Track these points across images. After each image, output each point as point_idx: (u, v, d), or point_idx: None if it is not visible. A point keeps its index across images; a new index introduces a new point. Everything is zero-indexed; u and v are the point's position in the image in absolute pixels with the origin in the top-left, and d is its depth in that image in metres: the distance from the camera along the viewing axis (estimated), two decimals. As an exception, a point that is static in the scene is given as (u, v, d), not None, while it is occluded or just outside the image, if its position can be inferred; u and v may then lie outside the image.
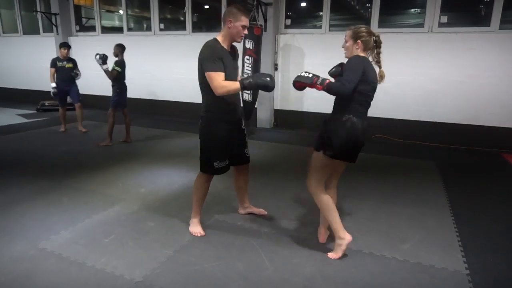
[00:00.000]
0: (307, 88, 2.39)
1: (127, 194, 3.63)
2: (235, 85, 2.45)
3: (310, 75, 2.32)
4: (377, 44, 2.38)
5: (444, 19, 5.86)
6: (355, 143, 2.38)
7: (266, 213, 3.18)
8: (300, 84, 2.36)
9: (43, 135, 6.23)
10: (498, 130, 5.73)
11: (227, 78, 2.49)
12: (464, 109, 5.89)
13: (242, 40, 2.66)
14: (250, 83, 2.42)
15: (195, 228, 2.82)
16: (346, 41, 2.41)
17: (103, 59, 5.18)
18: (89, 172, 4.26)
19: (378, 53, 2.40)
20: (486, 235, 2.90)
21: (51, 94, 6.26)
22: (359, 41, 2.34)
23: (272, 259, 2.50)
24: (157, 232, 2.86)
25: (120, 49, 5.37)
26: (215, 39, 2.56)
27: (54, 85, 6.15)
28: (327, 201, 2.48)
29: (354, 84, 2.24)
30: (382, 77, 2.41)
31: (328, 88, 2.25)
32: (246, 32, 2.56)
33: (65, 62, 6.18)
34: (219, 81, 2.44)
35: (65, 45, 6.23)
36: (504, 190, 3.98)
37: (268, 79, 2.43)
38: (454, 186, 4.01)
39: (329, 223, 2.53)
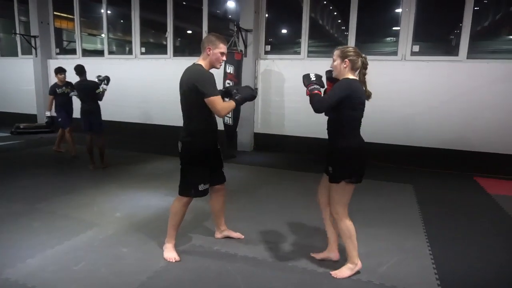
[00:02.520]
0: (287, 111, 2.48)
1: (102, 218, 3.53)
2: (232, 104, 2.63)
3: (312, 78, 2.45)
4: (364, 65, 2.47)
5: (416, 48, 6.14)
6: (361, 163, 2.50)
7: (243, 236, 3.15)
8: (303, 82, 2.50)
9: (17, 158, 6.05)
10: (470, 154, 5.92)
11: None
12: (439, 134, 6.08)
13: (223, 65, 2.78)
14: (241, 98, 2.68)
15: (170, 254, 2.76)
16: (334, 60, 2.48)
17: (107, 80, 5.43)
18: (63, 195, 4.14)
19: (364, 74, 2.49)
20: (459, 257, 2.95)
21: (45, 123, 6.25)
22: (346, 59, 2.41)
23: (249, 284, 2.46)
24: (131, 257, 2.78)
25: (76, 72, 5.37)
26: (200, 65, 2.62)
27: (48, 114, 6.18)
28: (353, 229, 2.54)
29: (329, 104, 2.36)
30: (368, 96, 2.52)
31: (310, 98, 2.40)
32: (224, 58, 2.67)
33: (64, 88, 6.12)
34: (221, 104, 2.55)
35: (61, 70, 6.08)
36: (475, 212, 4.08)
37: (252, 90, 2.78)
38: (428, 208, 4.09)
39: (349, 248, 2.56)
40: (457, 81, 5.89)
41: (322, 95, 2.46)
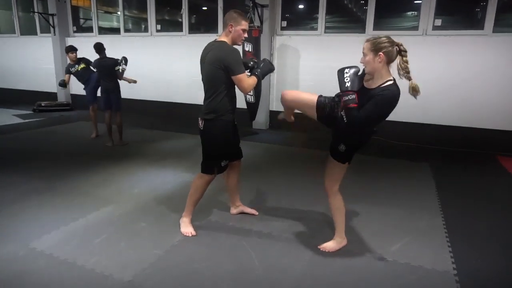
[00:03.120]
0: (302, 89, 2.41)
1: (120, 195, 3.64)
2: (255, 80, 2.68)
3: (347, 83, 2.10)
4: (402, 53, 2.14)
5: (438, 22, 5.89)
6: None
7: (257, 213, 3.20)
8: (338, 79, 2.16)
9: (39, 136, 6.23)
10: (491, 133, 5.76)
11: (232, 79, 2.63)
12: (459, 112, 5.92)
13: (242, 43, 2.77)
14: (262, 73, 2.74)
15: (187, 229, 2.84)
16: (365, 55, 2.15)
17: (125, 60, 5.47)
18: (83, 173, 4.27)
19: (406, 62, 2.15)
20: (475, 237, 2.92)
21: (58, 83, 6.17)
22: (380, 53, 2.09)
23: (262, 260, 2.51)
24: (149, 232, 2.87)
25: (95, 50, 5.39)
26: (225, 42, 2.63)
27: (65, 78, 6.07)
28: (343, 205, 2.60)
29: (366, 123, 2.16)
30: (415, 90, 2.18)
31: (347, 111, 2.11)
32: (246, 35, 2.68)
33: (77, 66, 6.07)
34: (248, 81, 2.61)
35: (72, 49, 6.04)
36: (496, 193, 4.00)
37: (270, 63, 2.81)
38: (446, 188, 4.03)
39: (337, 223, 2.63)
40: (481, 56, 5.66)
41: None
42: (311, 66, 6.75)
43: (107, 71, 5.37)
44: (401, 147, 5.95)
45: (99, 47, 5.38)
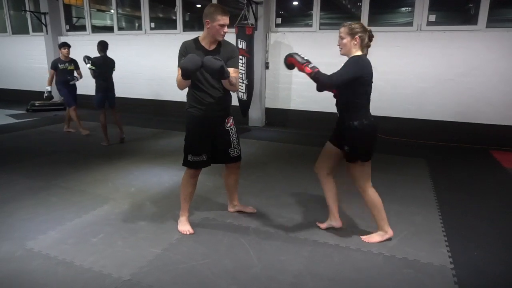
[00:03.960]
0: (293, 86, 2.45)
1: (117, 193, 3.62)
2: (178, 76, 2.55)
3: (305, 58, 2.41)
4: (370, 39, 2.48)
5: (433, 17, 5.91)
6: (374, 142, 2.56)
7: (255, 211, 3.20)
8: (292, 60, 2.45)
9: (33, 136, 6.18)
10: (486, 127, 5.80)
11: (199, 75, 2.58)
12: (454, 107, 5.96)
13: (234, 40, 2.74)
14: (182, 66, 2.42)
15: (184, 227, 2.83)
16: (342, 38, 2.45)
17: (88, 58, 5.22)
18: (79, 171, 4.24)
19: (368, 46, 2.50)
20: (471, 231, 2.95)
21: (44, 96, 6.07)
22: (356, 36, 2.41)
23: (260, 257, 2.51)
24: (146, 231, 2.86)
25: (99, 47, 5.32)
26: (195, 38, 2.69)
27: (49, 88, 6.00)
28: (379, 200, 2.65)
29: (341, 81, 2.36)
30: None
31: (315, 76, 2.36)
32: (225, 30, 2.59)
33: (67, 64, 6.03)
34: (177, 75, 2.57)
35: (66, 45, 6.01)
36: (491, 187, 4.04)
37: (214, 60, 2.36)
38: (442, 182, 4.06)
39: (376, 219, 2.68)
40: (475, 51, 5.70)
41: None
42: (306, 62, 6.75)
43: (108, 70, 5.36)
44: (397, 142, 5.98)
45: (105, 46, 5.33)
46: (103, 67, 5.31)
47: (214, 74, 2.42)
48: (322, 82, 2.38)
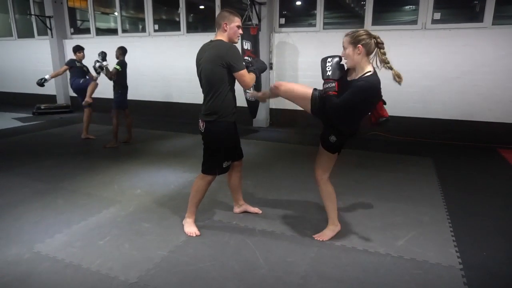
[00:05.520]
0: (300, 82, 2.44)
1: (123, 195, 3.63)
2: (253, 75, 2.70)
3: (328, 72, 2.32)
4: (379, 46, 2.26)
5: (437, 15, 5.87)
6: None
7: (260, 211, 3.19)
8: (321, 67, 2.38)
9: (39, 139, 6.22)
10: (493, 126, 5.75)
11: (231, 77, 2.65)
12: (460, 105, 5.91)
13: (240, 42, 2.78)
14: (257, 69, 2.77)
15: (190, 228, 2.83)
16: (345, 48, 2.28)
17: (103, 55, 5.33)
18: (85, 174, 4.26)
19: (384, 53, 2.26)
20: (480, 231, 2.92)
21: (38, 81, 5.98)
22: (359, 45, 2.21)
23: (267, 258, 2.50)
24: (152, 233, 2.87)
25: (120, 51, 5.46)
26: (222, 40, 2.62)
27: (47, 77, 5.94)
28: (334, 193, 2.68)
29: (344, 111, 2.30)
30: (399, 77, 2.26)
31: (328, 97, 2.30)
32: (241, 31, 2.69)
33: (81, 64, 6.07)
34: (249, 76, 2.65)
35: (81, 48, 6.00)
36: (498, 186, 4.00)
37: (263, 63, 2.87)
38: (449, 181, 4.03)
39: (328, 210, 2.72)
40: (481, 49, 5.65)
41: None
42: (310, 62, 6.72)
43: (126, 73, 5.54)
44: (403, 141, 5.94)
45: (125, 51, 5.52)
46: (125, 70, 5.49)
47: (261, 73, 2.78)
48: (329, 107, 2.32)
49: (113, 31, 8.86)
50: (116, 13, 8.65)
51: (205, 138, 2.71)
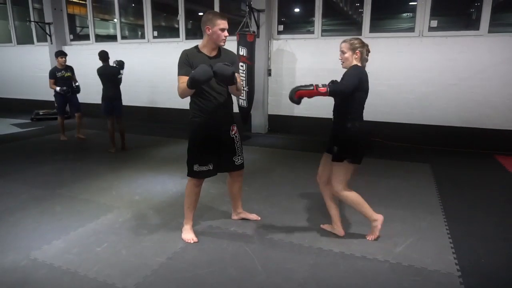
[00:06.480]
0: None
1: (121, 202, 3.62)
2: (184, 85, 2.45)
3: (308, 83, 2.44)
4: (367, 53, 2.67)
5: (434, 23, 5.92)
6: (364, 145, 2.67)
7: (259, 218, 3.19)
8: (300, 93, 2.37)
9: (38, 144, 6.21)
10: (490, 132, 5.77)
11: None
12: (457, 112, 5.94)
13: (236, 48, 2.76)
14: (192, 75, 2.37)
15: (188, 235, 2.82)
16: (344, 53, 2.63)
17: (119, 63, 5.54)
18: (83, 180, 4.25)
19: (366, 61, 2.69)
20: (478, 237, 2.92)
21: (60, 90, 6.12)
22: (357, 51, 2.59)
23: (265, 265, 2.50)
24: (150, 239, 2.86)
25: (100, 57, 5.43)
26: (195, 46, 2.67)
27: (58, 89, 6.12)
28: (356, 197, 2.73)
29: (352, 87, 2.47)
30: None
31: (332, 89, 2.40)
32: (226, 34, 2.61)
33: (63, 72, 6.16)
34: (179, 84, 2.55)
35: (62, 54, 6.18)
36: (496, 192, 4.00)
37: (226, 66, 2.37)
38: (446, 188, 4.03)
39: (363, 212, 2.76)
40: (477, 56, 5.69)
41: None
42: (308, 69, 6.77)
43: (110, 79, 5.43)
44: (400, 148, 5.96)
45: (104, 55, 5.44)
46: (105, 76, 5.40)
47: (225, 80, 2.43)
48: (340, 92, 2.46)
49: (113, 38, 8.90)
50: (115, 20, 8.69)
51: None
